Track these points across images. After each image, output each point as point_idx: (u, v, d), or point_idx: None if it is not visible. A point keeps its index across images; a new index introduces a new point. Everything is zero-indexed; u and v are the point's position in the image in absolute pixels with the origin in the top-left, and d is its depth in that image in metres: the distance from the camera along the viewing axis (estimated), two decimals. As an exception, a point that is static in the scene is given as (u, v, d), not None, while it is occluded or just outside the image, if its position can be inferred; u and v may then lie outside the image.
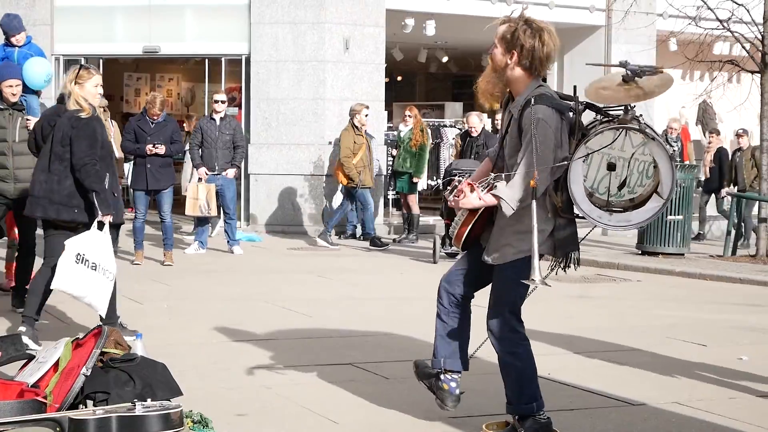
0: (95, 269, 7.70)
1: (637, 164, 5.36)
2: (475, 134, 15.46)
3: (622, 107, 5.35)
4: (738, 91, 18.56)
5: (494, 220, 5.48)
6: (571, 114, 5.34)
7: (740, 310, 10.74)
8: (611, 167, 5.33)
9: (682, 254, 14.93)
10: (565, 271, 5.53)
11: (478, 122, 15.57)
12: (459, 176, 5.53)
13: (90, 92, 8.00)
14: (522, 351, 5.53)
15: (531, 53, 5.32)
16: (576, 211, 5.35)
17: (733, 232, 15.61)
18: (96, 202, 7.81)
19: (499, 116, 15.74)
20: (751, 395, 6.85)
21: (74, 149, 7.86)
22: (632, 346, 8.49)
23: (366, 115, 15.99)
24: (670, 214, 14.78)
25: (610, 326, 9.50)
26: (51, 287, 7.70)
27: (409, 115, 17.43)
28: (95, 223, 7.80)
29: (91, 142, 7.91)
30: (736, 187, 17.92)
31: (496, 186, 5.30)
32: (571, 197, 5.27)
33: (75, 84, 7.95)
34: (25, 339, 7.64)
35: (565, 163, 5.22)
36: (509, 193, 5.24)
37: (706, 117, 22.38)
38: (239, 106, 18.84)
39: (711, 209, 19.73)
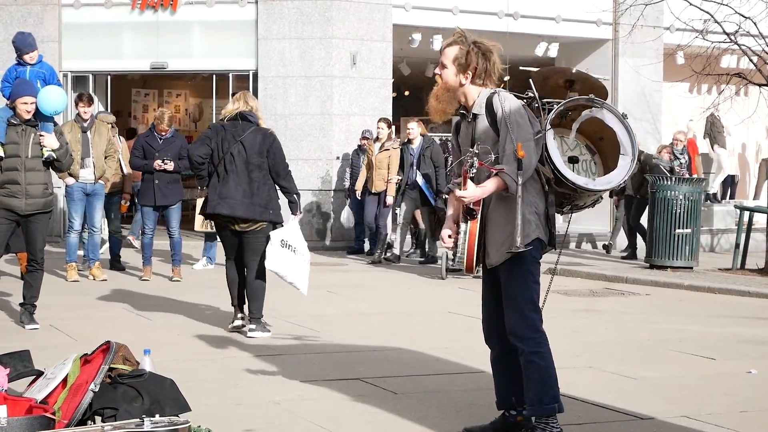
0: (295, 252, 9.14)
1: (580, 165, 5.86)
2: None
3: (558, 100, 5.81)
4: (746, 104, 18.53)
5: (486, 228, 5.64)
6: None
7: (749, 323, 10.71)
8: (573, 160, 5.81)
9: (691, 268, 14.90)
10: (554, 248, 5.77)
11: None
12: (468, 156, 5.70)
13: None
14: (546, 350, 5.63)
15: (483, 73, 5.68)
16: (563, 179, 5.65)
17: (741, 245, 15.56)
18: (296, 203, 9.44)
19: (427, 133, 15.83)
20: (760, 409, 6.84)
21: (276, 160, 9.32)
22: (640, 359, 8.47)
23: None
24: (679, 228, 14.76)
25: (618, 340, 9.49)
26: (266, 267, 9.13)
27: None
28: (291, 220, 9.35)
29: (283, 155, 9.43)
30: (625, 193, 17.36)
31: (494, 167, 5.51)
32: (555, 170, 5.59)
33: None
34: (257, 333, 9.11)
35: (540, 131, 5.56)
36: (510, 168, 5.46)
37: (713, 130, 22.35)
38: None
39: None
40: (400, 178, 15.72)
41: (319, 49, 18.04)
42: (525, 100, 5.70)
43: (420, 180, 15.69)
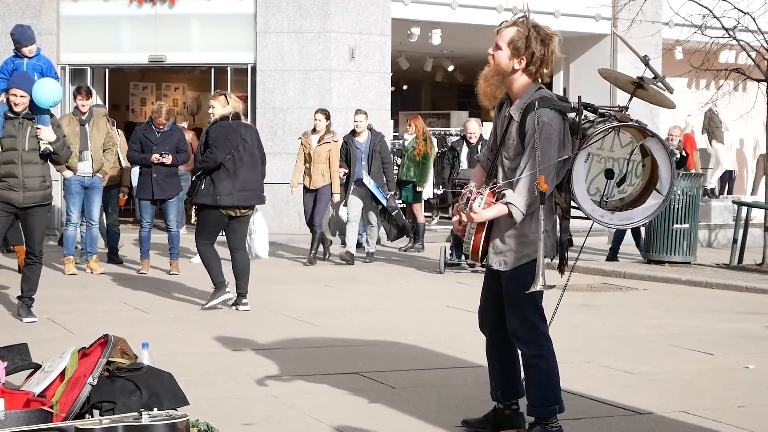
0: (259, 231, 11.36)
1: (626, 164, 5.47)
2: (473, 141, 15.32)
3: (617, 107, 5.54)
4: (744, 99, 18.52)
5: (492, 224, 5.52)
6: (572, 115, 5.44)
7: (747, 318, 10.72)
8: (609, 174, 5.45)
9: (689, 263, 14.89)
10: (561, 273, 5.65)
11: (478, 129, 15.48)
12: (467, 187, 5.52)
13: None
14: (547, 352, 5.56)
15: (540, 60, 5.38)
16: (579, 210, 5.44)
17: (739, 241, 15.55)
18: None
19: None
20: (758, 404, 6.84)
21: (262, 150, 10.62)
22: (639, 354, 8.47)
23: None
24: (677, 223, 14.75)
25: (616, 335, 9.49)
26: (264, 257, 11.70)
27: (408, 125, 17.39)
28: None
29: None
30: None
31: (503, 194, 5.33)
32: (573, 197, 5.38)
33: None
34: (248, 306, 10.28)
35: (567, 157, 5.30)
36: (519, 200, 5.31)
37: (712, 125, 22.37)
38: (245, 115, 18.83)
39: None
40: (346, 171, 14.82)
41: (317, 43, 18.02)
42: (567, 113, 5.41)
43: (368, 181, 14.79)
